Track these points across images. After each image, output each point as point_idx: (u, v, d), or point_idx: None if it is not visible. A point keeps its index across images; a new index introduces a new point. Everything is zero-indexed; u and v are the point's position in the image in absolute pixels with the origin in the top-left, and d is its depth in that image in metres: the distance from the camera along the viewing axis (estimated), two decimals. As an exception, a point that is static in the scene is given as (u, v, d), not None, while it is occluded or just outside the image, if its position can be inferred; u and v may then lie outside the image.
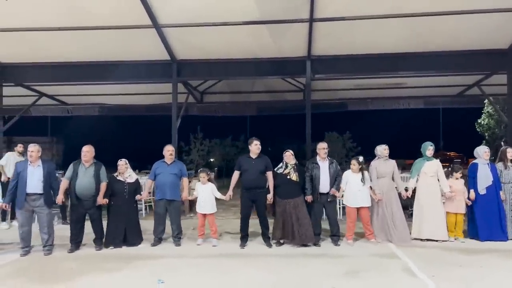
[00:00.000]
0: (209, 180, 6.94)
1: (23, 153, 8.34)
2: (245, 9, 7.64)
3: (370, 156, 7.23)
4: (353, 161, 6.85)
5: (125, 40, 8.73)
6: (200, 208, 6.80)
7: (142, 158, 7.11)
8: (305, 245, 6.46)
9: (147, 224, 7.27)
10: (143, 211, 9.80)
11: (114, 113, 15.47)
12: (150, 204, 10.17)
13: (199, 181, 6.95)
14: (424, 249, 6.36)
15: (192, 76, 10.36)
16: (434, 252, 6.19)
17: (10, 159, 8.32)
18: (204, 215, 6.78)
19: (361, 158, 6.94)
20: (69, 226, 6.64)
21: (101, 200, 6.42)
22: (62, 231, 7.02)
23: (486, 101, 13.90)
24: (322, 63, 9.44)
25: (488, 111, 19.08)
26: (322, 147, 6.74)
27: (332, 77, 10.37)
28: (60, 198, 6.28)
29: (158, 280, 4.81)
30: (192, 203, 9.10)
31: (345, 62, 9.40)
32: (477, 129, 19.57)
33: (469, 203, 6.93)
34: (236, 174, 6.72)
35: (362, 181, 6.70)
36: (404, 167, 13.11)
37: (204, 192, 6.81)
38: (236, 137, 24.23)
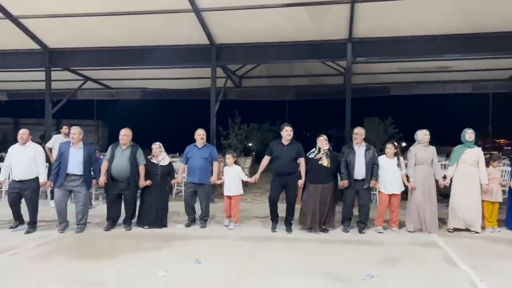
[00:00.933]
0: (235, 162, 6.98)
1: (68, 135, 8.70)
2: (284, -9, 7.51)
3: (413, 142, 6.96)
4: (389, 145, 6.63)
5: (166, 24, 8.84)
6: (226, 190, 6.86)
7: (182, 142, 7.28)
8: (324, 230, 6.44)
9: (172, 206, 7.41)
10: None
11: (155, 97, 15.82)
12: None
13: (226, 164, 7.00)
14: (467, 239, 6.13)
15: (230, 60, 10.38)
16: (477, 242, 5.95)
17: (57, 142, 8.70)
18: (230, 197, 6.84)
19: (395, 143, 6.74)
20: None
21: (143, 182, 6.63)
22: (100, 210, 7.27)
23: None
24: (364, 45, 9.16)
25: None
26: (356, 132, 6.58)
27: (374, 60, 10.06)
28: (102, 180, 6.52)
29: (195, 261, 4.92)
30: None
31: (388, 45, 9.08)
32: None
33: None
34: (266, 159, 6.71)
35: (398, 167, 6.51)
36: (449, 155, 12.62)
37: (231, 174, 6.86)
38: (274, 121, 24.20)
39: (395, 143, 6.72)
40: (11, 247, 5.53)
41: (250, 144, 24.03)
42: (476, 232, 6.39)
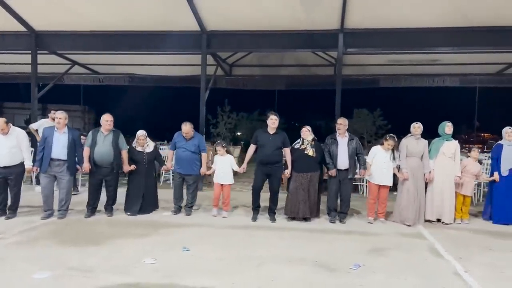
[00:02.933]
0: (227, 151, 7.02)
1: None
2: (278, -22, 7.43)
3: (401, 134, 7.00)
4: (390, 141, 6.61)
5: (157, 10, 8.70)
6: (218, 178, 6.85)
7: (171, 129, 7.23)
8: (306, 219, 6.51)
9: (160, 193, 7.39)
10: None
11: (144, 84, 15.63)
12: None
13: (217, 154, 7.00)
14: (452, 230, 6.23)
15: (221, 48, 10.29)
16: (463, 234, 6.05)
17: (44, 125, 8.57)
18: (221, 186, 6.84)
19: (393, 135, 6.77)
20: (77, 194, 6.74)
21: (127, 167, 6.60)
22: (84, 196, 7.17)
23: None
24: (355, 36, 9.15)
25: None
26: (340, 123, 6.60)
27: (365, 52, 10.07)
28: (87, 166, 6.43)
29: (183, 248, 4.92)
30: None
31: (379, 36, 9.08)
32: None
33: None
34: (252, 148, 6.69)
35: (391, 159, 6.56)
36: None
37: (223, 163, 6.86)
38: (264, 111, 24.13)
39: (395, 138, 6.71)
40: (-4, 232, 5.46)
41: (239, 133, 23.96)
42: (448, 223, 6.52)
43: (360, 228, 6.28)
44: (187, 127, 6.79)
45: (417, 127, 6.67)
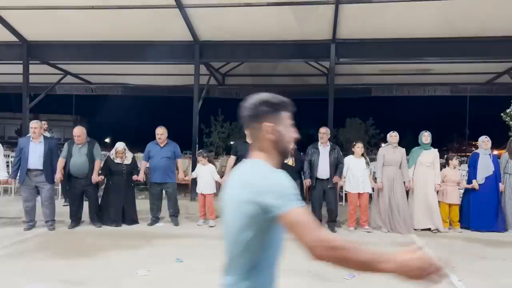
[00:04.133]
0: (209, 161, 7.00)
1: (48, 131, 8.51)
2: (270, -11, 7.50)
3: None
4: (358, 144, 6.66)
5: (149, 20, 8.70)
6: (200, 189, 6.85)
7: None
8: None
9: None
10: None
11: (137, 93, 15.59)
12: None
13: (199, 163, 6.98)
14: (445, 239, 6.25)
15: (214, 58, 10.30)
16: (455, 242, 6.08)
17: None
18: (204, 196, 6.81)
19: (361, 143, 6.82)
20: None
21: (96, 178, 6.51)
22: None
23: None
24: (347, 46, 9.22)
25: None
26: (323, 132, 6.61)
27: (357, 61, 10.14)
28: (58, 177, 6.40)
29: (176, 259, 4.88)
30: (180, 186, 9.17)
31: (371, 46, 9.16)
32: (504, 119, 18.90)
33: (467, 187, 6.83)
34: (232, 159, 6.72)
35: (367, 165, 6.59)
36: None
37: (204, 173, 6.85)
38: (257, 120, 24.15)
39: (362, 143, 6.79)
40: (-15, 244, 5.37)
41: (232, 143, 23.98)
42: (436, 231, 6.55)
43: (353, 237, 6.27)
44: (162, 129, 6.80)
45: (393, 136, 6.74)
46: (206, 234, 6.28)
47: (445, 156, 7.54)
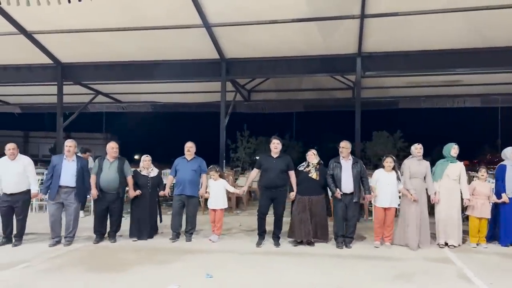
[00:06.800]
0: (220, 176, 7.03)
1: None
2: (295, 6, 7.61)
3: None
4: (388, 159, 6.56)
5: (177, 39, 8.97)
6: (211, 204, 6.87)
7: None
8: (310, 243, 6.43)
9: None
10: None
11: (165, 110, 15.95)
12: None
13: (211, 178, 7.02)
14: (480, 254, 6.04)
15: (240, 75, 10.47)
16: (491, 258, 5.86)
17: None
18: (215, 211, 6.83)
19: (393, 156, 6.69)
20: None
21: (132, 193, 6.69)
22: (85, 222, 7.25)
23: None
24: (373, 60, 9.22)
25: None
26: (343, 146, 6.54)
27: (384, 75, 10.09)
28: (94, 193, 6.55)
29: (206, 275, 4.90)
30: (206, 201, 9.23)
31: (397, 59, 9.13)
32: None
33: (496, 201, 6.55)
34: (254, 172, 6.76)
35: (398, 180, 6.47)
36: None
37: (216, 188, 6.88)
38: (282, 135, 24.23)
39: (393, 157, 6.68)
40: (22, 260, 5.54)
41: (257, 157, 24.06)
42: (454, 246, 6.35)
43: (384, 253, 6.15)
44: (191, 143, 6.95)
45: (418, 148, 6.62)
46: (235, 249, 6.29)
47: (477, 168, 7.30)
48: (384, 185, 6.47)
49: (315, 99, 13.84)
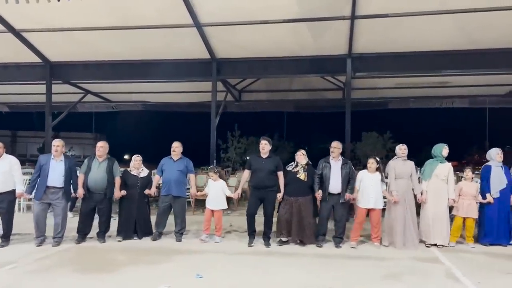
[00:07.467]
0: (220, 177, 7.02)
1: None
2: (286, 7, 7.62)
3: (412, 156, 6.97)
4: (371, 160, 6.61)
5: (167, 39, 8.92)
6: (209, 204, 6.86)
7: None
8: (302, 243, 6.45)
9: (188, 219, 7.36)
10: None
11: (155, 110, 15.87)
12: (189, 200, 10.36)
13: (211, 177, 7.00)
14: (468, 254, 6.12)
15: (231, 75, 10.45)
16: (479, 257, 5.94)
17: None
18: (212, 211, 6.82)
19: (377, 158, 6.74)
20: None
21: (118, 193, 6.64)
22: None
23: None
24: (363, 61, 9.27)
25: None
26: (334, 146, 6.58)
27: (374, 76, 10.15)
28: (81, 192, 6.48)
29: (196, 275, 4.89)
30: (198, 201, 9.19)
31: (387, 60, 9.20)
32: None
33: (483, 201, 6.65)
34: (246, 173, 6.75)
35: (382, 181, 6.52)
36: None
37: (215, 189, 6.87)
38: (272, 135, 24.25)
39: (377, 158, 6.72)
40: (9, 261, 5.47)
41: (248, 158, 24.05)
42: (443, 246, 6.43)
43: (372, 253, 6.19)
44: (178, 143, 6.94)
45: (403, 149, 6.70)
46: (226, 249, 6.29)
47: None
48: (368, 186, 6.52)
49: (305, 100, 13.89)
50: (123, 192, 6.69)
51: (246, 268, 5.33)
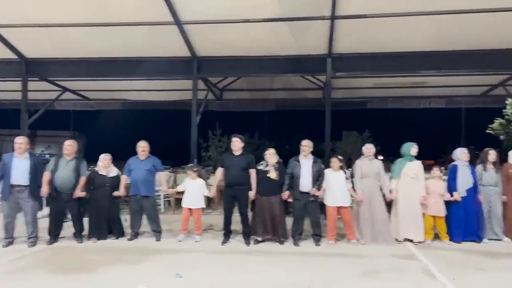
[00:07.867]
0: (199, 176, 7.00)
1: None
2: (266, 6, 7.62)
3: (391, 156, 7.09)
4: (334, 159, 6.71)
5: (148, 36, 8.82)
6: (187, 202, 6.81)
7: (163, 154, 7.19)
8: (281, 242, 6.50)
9: (167, 218, 7.33)
10: (162, 206, 9.89)
11: (135, 108, 15.67)
12: (169, 199, 10.29)
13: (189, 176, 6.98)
14: (444, 251, 6.25)
15: (212, 73, 10.41)
16: (454, 254, 6.08)
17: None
18: (190, 210, 6.79)
19: (340, 156, 6.84)
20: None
21: (78, 193, 6.46)
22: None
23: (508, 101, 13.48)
24: (343, 61, 9.36)
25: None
26: (305, 145, 6.63)
27: (353, 75, 10.26)
28: (44, 190, 6.33)
29: (176, 274, 4.86)
30: (178, 201, 9.16)
31: (366, 60, 9.30)
32: (490, 132, 18.92)
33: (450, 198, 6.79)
34: (219, 171, 6.75)
35: (347, 179, 6.62)
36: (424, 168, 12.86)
37: (193, 187, 6.84)
38: (253, 134, 24.21)
39: (340, 157, 6.81)
40: (-17, 262, 5.35)
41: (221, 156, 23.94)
42: (419, 242, 6.57)
43: (351, 250, 6.27)
44: (145, 142, 6.87)
45: (369, 148, 6.86)
46: (205, 248, 6.27)
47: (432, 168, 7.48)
48: (332, 184, 6.61)
49: (286, 99, 13.94)
50: (83, 193, 6.52)
51: (226, 267, 5.33)
